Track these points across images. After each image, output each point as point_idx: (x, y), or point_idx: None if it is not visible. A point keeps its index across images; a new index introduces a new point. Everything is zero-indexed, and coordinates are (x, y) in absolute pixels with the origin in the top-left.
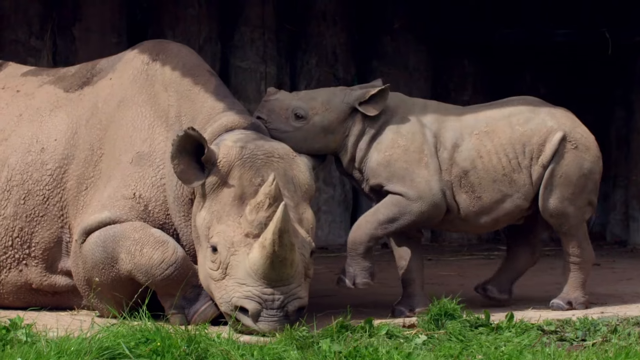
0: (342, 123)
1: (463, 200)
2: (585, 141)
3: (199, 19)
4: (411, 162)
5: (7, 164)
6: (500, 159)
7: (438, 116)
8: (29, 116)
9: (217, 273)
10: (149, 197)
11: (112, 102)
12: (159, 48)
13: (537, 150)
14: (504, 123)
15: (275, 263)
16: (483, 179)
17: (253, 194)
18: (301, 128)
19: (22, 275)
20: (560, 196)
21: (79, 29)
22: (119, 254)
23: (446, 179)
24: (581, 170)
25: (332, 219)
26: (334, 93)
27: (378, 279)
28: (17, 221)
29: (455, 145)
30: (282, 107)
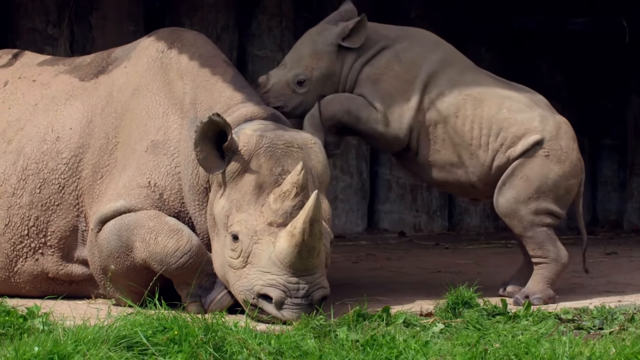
0: (335, 62)
1: (424, 146)
2: (561, 154)
3: (217, 7)
4: (397, 90)
5: (23, 153)
6: (473, 129)
7: (444, 59)
8: (44, 105)
9: (238, 261)
10: (164, 185)
11: (127, 90)
12: (174, 36)
13: (510, 141)
14: (496, 101)
15: (303, 252)
16: (448, 137)
17: (273, 183)
18: (309, 89)
19: (38, 265)
20: (515, 196)
21: (96, 18)
22: (134, 243)
23: (419, 119)
24: (545, 178)
25: (349, 208)
26: (314, 40)
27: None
28: (32, 210)
29: (441, 93)
30: (282, 85)
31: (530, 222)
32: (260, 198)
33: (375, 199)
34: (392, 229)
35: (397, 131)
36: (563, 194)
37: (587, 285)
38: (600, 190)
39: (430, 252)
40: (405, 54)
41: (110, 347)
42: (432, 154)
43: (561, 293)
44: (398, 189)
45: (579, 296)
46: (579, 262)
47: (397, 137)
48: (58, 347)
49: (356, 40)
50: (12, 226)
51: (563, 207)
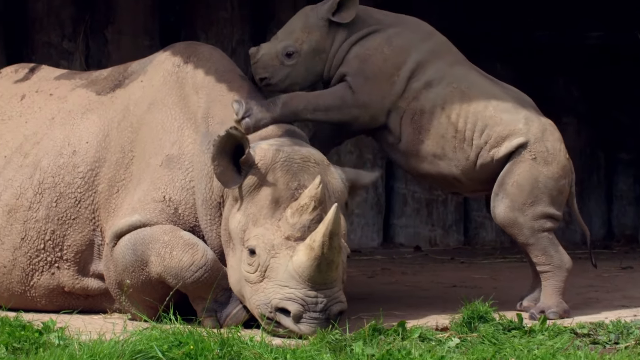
0: (326, 38)
1: (407, 134)
2: (547, 155)
3: (232, 22)
4: (382, 73)
5: (40, 167)
6: (458, 122)
7: (434, 49)
8: (61, 119)
9: (255, 276)
10: (179, 200)
11: (143, 104)
12: (190, 50)
13: (494, 140)
14: (483, 98)
15: (322, 266)
16: (433, 128)
17: (290, 197)
18: (297, 62)
19: (54, 279)
20: (510, 205)
21: (112, 32)
22: (149, 257)
23: (401, 105)
24: (535, 182)
25: (364, 222)
26: (307, 15)
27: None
28: (49, 224)
29: (429, 83)
30: (272, 57)
31: (530, 229)
32: (277, 212)
33: (391, 214)
34: (407, 243)
35: (375, 113)
36: (556, 195)
37: (602, 299)
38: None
39: (445, 267)
40: (397, 38)
41: None
42: (416, 143)
43: (577, 307)
44: (414, 204)
45: (595, 310)
46: (593, 277)
47: (375, 119)
48: None
49: (345, 15)
50: (28, 240)
51: (559, 209)
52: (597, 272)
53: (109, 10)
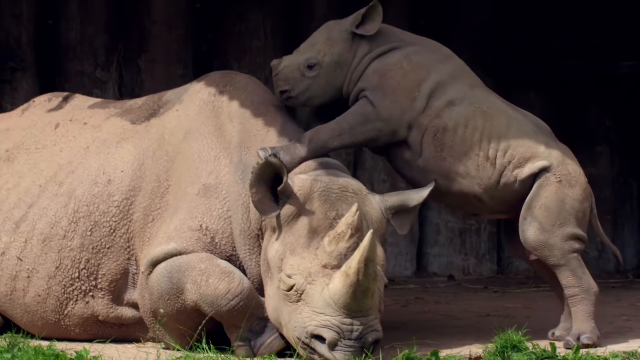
0: (349, 51)
1: (428, 151)
2: (570, 178)
3: (265, 50)
4: (402, 88)
5: (74, 196)
6: (482, 140)
7: (454, 72)
8: (95, 148)
9: (292, 303)
10: (216, 229)
11: (178, 133)
12: (226, 80)
13: (517, 160)
14: (505, 118)
15: (357, 293)
16: (456, 145)
17: (328, 227)
18: (318, 74)
19: (88, 307)
20: (540, 227)
21: (145, 60)
22: (185, 285)
23: (423, 122)
24: (563, 204)
25: (397, 251)
26: (330, 28)
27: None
28: (83, 253)
29: (450, 102)
30: (293, 69)
31: (561, 250)
32: (315, 241)
33: (424, 243)
34: (440, 272)
35: (395, 126)
36: (581, 217)
37: (635, 328)
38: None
39: (479, 296)
40: (416, 56)
41: None
42: (438, 160)
43: (610, 336)
44: (447, 233)
45: (628, 340)
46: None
47: (396, 132)
48: None
49: (369, 27)
50: (62, 269)
51: (584, 230)
52: (630, 301)
53: (142, 38)
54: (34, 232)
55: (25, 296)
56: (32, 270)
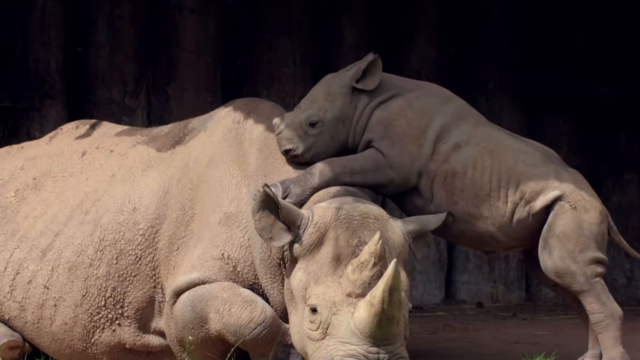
0: (349, 105)
1: (439, 197)
2: (585, 203)
3: (294, 78)
4: (408, 136)
5: (100, 224)
6: (492, 180)
7: (457, 112)
8: (121, 176)
9: (317, 333)
10: (238, 257)
11: (202, 160)
12: (250, 107)
13: (529, 195)
14: (512, 154)
15: (382, 321)
16: (467, 188)
17: (350, 254)
18: (321, 131)
19: (115, 335)
20: (560, 255)
21: (174, 88)
22: (208, 314)
23: (431, 168)
24: (581, 229)
25: (426, 279)
26: (330, 83)
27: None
28: (110, 281)
29: (457, 145)
30: (296, 127)
31: (584, 275)
32: (338, 270)
33: (453, 270)
34: (469, 299)
35: (407, 176)
36: (601, 240)
37: None
38: None
39: (507, 323)
40: (418, 102)
41: None
42: (450, 204)
43: None
44: (475, 260)
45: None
46: None
47: (407, 181)
48: None
49: (370, 82)
50: (89, 297)
51: (604, 252)
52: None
53: (170, 66)
54: (60, 260)
55: (52, 324)
56: (59, 299)
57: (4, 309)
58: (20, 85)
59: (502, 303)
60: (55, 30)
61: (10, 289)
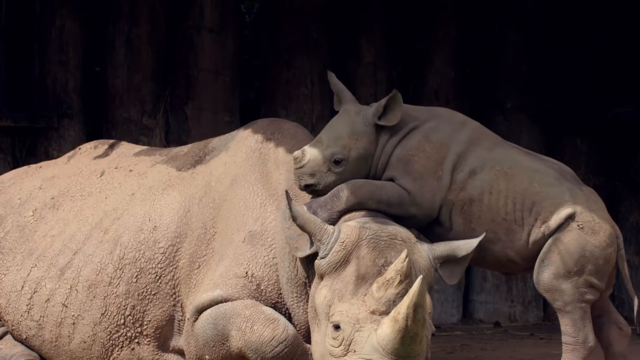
0: (373, 143)
1: (458, 224)
2: (594, 225)
3: (312, 98)
4: (428, 170)
5: (120, 243)
6: (507, 204)
7: (471, 138)
8: (141, 195)
9: (339, 350)
10: (262, 276)
11: (225, 180)
12: (273, 127)
13: (543, 215)
14: (527, 174)
15: (405, 338)
16: (483, 214)
17: (376, 274)
18: (345, 169)
19: (134, 354)
20: (555, 272)
21: (192, 108)
22: (230, 331)
23: (450, 198)
24: (582, 251)
25: (444, 299)
26: (353, 121)
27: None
28: (129, 299)
29: (473, 171)
30: (319, 163)
31: (571, 296)
32: (363, 288)
33: (470, 290)
34: (486, 319)
35: (429, 211)
36: (602, 264)
37: None
38: None
39: (525, 343)
40: (434, 134)
41: None
42: (467, 232)
43: None
44: (493, 280)
45: None
46: None
47: (430, 216)
48: None
49: (391, 117)
50: (108, 315)
51: (602, 278)
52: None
53: (188, 86)
54: (79, 278)
55: (70, 343)
56: (78, 317)
57: (21, 328)
58: (38, 105)
59: (520, 323)
60: (73, 50)
61: (28, 307)
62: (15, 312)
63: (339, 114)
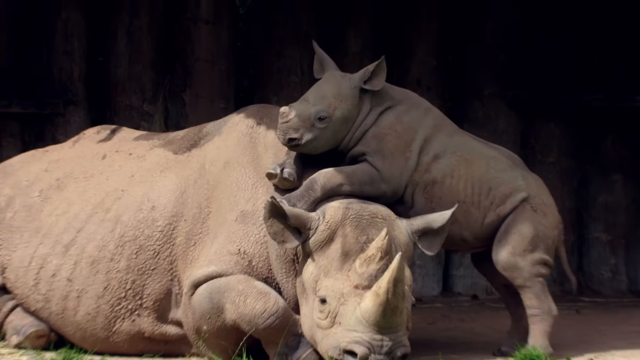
0: (356, 107)
1: (419, 203)
2: (544, 208)
3: (302, 86)
4: (397, 149)
5: (120, 221)
6: (466, 188)
7: (436, 124)
8: (140, 177)
9: (326, 322)
10: (253, 253)
11: (218, 163)
12: (262, 112)
13: (499, 199)
14: (484, 161)
15: (387, 311)
16: (444, 195)
17: (359, 250)
18: (327, 126)
19: (135, 325)
20: (512, 250)
21: (189, 95)
22: (225, 305)
23: (415, 179)
24: (536, 231)
25: (425, 272)
26: (340, 83)
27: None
28: (129, 274)
29: (436, 156)
30: (304, 119)
31: (529, 273)
32: (347, 264)
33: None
34: (465, 292)
35: (396, 187)
36: (551, 244)
37: None
38: None
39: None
40: (405, 116)
41: None
42: (427, 211)
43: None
44: None
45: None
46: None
47: (397, 192)
48: None
49: (376, 83)
50: (110, 289)
51: (551, 256)
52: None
53: (186, 75)
54: (83, 255)
55: (75, 315)
56: (82, 291)
57: (29, 301)
58: (45, 92)
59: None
60: (77, 41)
61: (35, 282)
62: (24, 286)
63: (325, 77)
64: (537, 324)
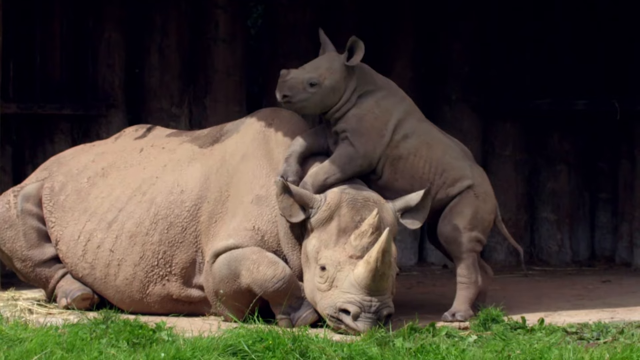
0: (343, 81)
1: (386, 174)
2: (485, 196)
3: None
4: (374, 129)
5: (155, 203)
6: (424, 166)
7: (407, 110)
8: (171, 166)
9: (324, 286)
10: (265, 230)
11: (236, 155)
12: (274, 115)
13: (450, 181)
14: (442, 147)
15: (376, 276)
16: (405, 170)
17: (354, 227)
18: (316, 92)
19: (164, 289)
20: (455, 226)
21: (209, 100)
22: (241, 271)
23: (386, 153)
24: (476, 213)
25: (404, 246)
26: (333, 58)
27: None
28: (161, 246)
29: (405, 136)
30: (298, 81)
31: (465, 247)
32: (343, 238)
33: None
34: (437, 262)
35: (371, 160)
36: (487, 226)
37: (587, 306)
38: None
39: None
40: (383, 101)
41: (219, 353)
42: (392, 181)
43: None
44: None
45: (581, 314)
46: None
47: (371, 165)
48: (179, 354)
49: (355, 59)
50: (145, 258)
51: (486, 236)
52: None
53: (207, 83)
54: (123, 230)
55: (116, 280)
56: (122, 260)
57: (77, 269)
58: (91, 98)
59: None
60: (118, 56)
61: (83, 253)
62: (73, 256)
63: (323, 55)
64: (463, 291)
